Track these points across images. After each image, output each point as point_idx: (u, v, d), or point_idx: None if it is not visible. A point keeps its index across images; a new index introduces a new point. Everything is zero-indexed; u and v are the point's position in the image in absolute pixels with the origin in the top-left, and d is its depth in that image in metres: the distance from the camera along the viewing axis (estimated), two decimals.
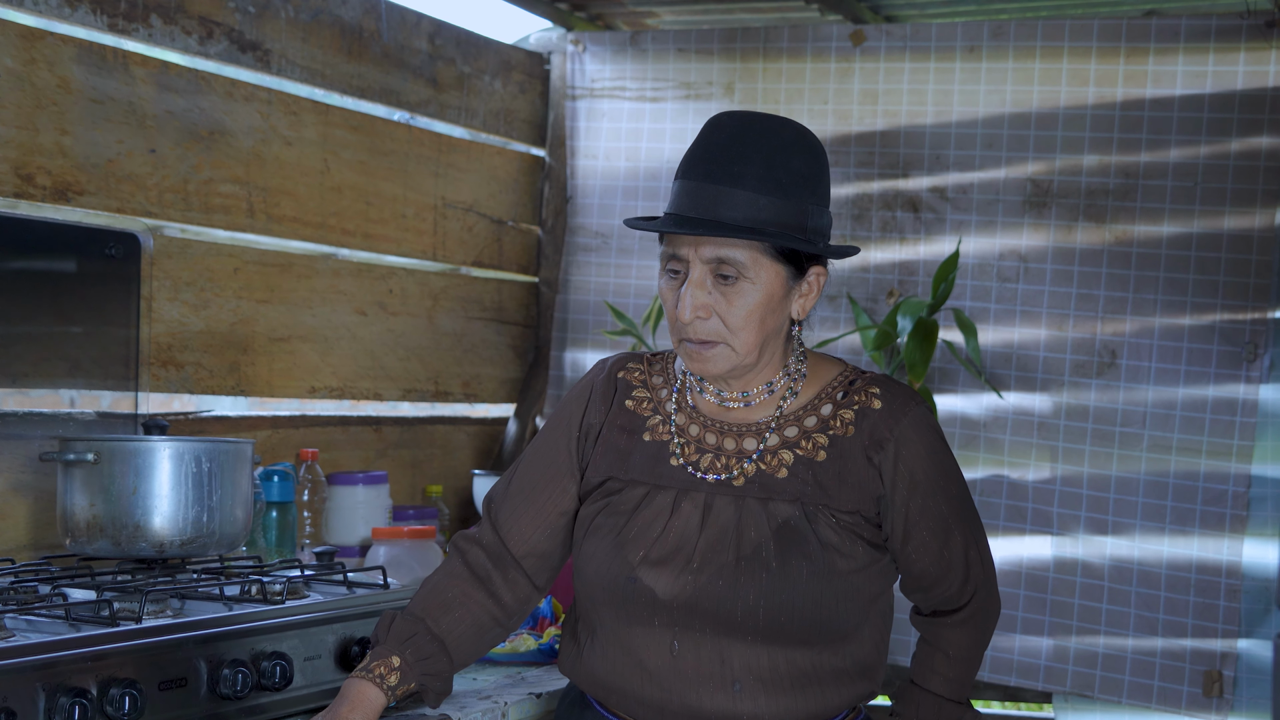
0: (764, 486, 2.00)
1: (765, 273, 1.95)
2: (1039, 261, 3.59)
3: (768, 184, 1.92)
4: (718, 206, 1.92)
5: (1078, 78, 3.57)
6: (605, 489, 2.07)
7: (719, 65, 3.87)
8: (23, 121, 2.69)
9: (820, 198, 1.98)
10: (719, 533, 1.98)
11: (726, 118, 1.98)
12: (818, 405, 2.04)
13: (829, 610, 1.95)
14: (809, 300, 2.01)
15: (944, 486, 2.04)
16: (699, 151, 1.97)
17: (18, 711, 1.87)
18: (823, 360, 2.10)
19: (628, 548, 1.99)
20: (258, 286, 3.20)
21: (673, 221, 1.93)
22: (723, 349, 1.96)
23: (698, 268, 1.94)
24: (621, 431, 2.08)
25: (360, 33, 3.44)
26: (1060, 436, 3.54)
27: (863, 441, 2.00)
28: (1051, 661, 3.52)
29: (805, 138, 1.98)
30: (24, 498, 2.68)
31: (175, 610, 2.22)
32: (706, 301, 1.94)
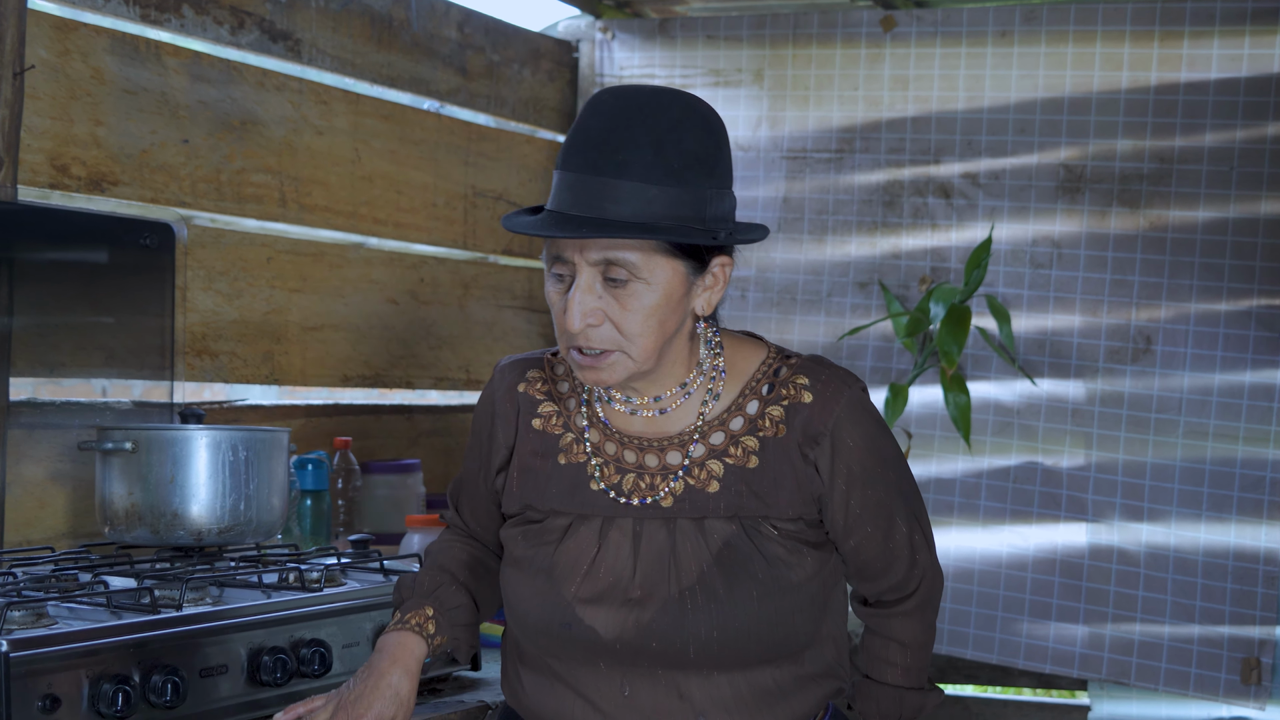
0: (695, 505, 1.83)
1: (661, 271, 1.74)
2: (1072, 247, 3.57)
3: (657, 171, 1.71)
4: (603, 201, 1.70)
5: (1111, 62, 3.55)
6: (524, 517, 1.91)
7: (748, 52, 3.86)
8: (57, 112, 2.70)
9: (720, 179, 1.77)
10: (654, 562, 1.81)
11: (607, 96, 1.76)
12: (742, 404, 1.86)
13: (785, 627, 1.82)
14: (715, 294, 1.81)
15: (883, 474, 1.89)
16: (578, 138, 1.75)
17: (62, 698, 1.88)
18: (740, 346, 1.91)
19: (560, 585, 1.83)
20: (290, 276, 3.21)
21: (553, 222, 1.72)
22: (618, 357, 1.77)
23: (585, 271, 1.74)
24: (534, 456, 1.90)
25: (390, 21, 3.44)
26: (1095, 423, 3.52)
27: (796, 440, 1.83)
28: (1087, 649, 3.51)
29: (697, 112, 1.76)
30: (62, 486, 2.69)
31: (214, 598, 2.23)
32: (597, 306, 1.74)
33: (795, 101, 3.82)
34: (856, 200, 3.77)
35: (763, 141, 3.84)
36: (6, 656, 1.82)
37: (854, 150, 3.77)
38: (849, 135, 3.77)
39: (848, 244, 3.77)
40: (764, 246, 3.83)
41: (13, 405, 2.60)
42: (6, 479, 2.58)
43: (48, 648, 1.88)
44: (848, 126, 3.77)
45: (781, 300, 3.81)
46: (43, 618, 1.98)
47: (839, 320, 3.75)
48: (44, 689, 1.86)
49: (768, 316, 3.82)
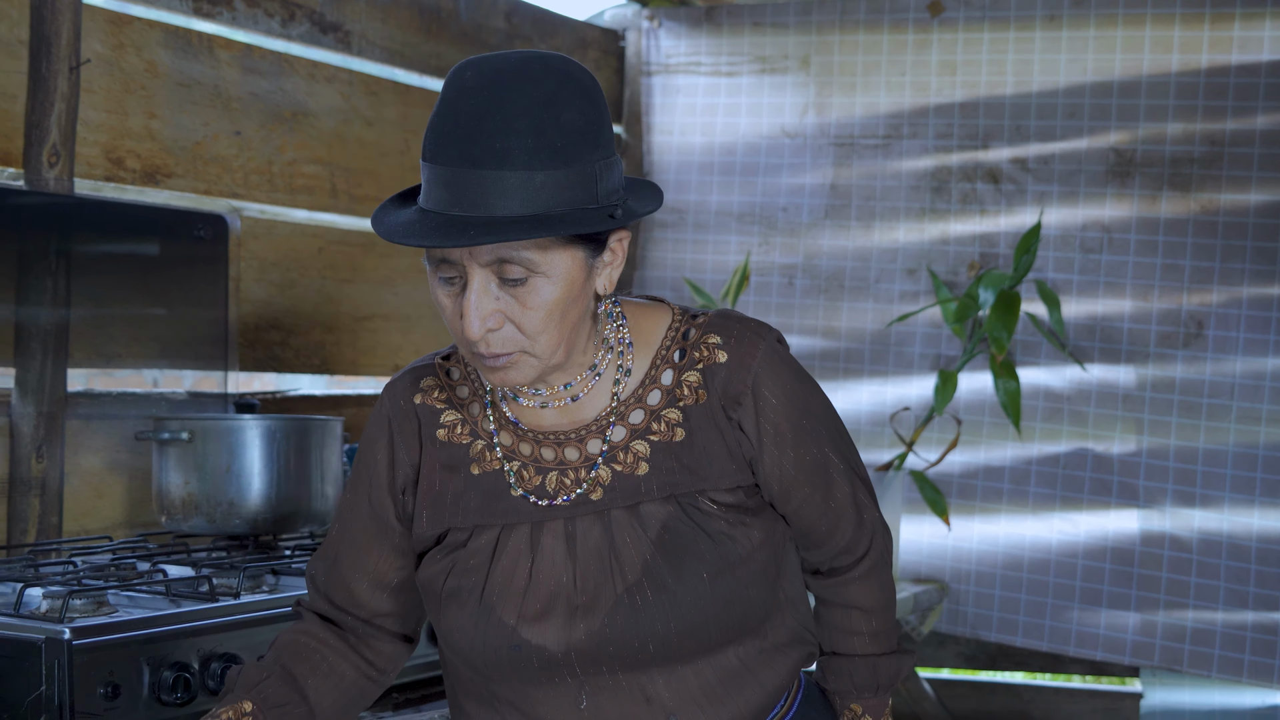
0: (626, 491, 1.68)
1: (560, 262, 1.59)
2: (1123, 232, 3.55)
3: (541, 155, 1.54)
4: (487, 197, 1.54)
5: (1161, 45, 3.52)
6: (446, 544, 1.72)
7: (795, 39, 3.86)
8: (112, 106, 2.73)
9: (605, 147, 1.60)
10: (594, 562, 1.67)
11: (472, 75, 1.56)
12: (656, 375, 1.72)
13: (742, 604, 1.69)
14: (615, 269, 1.66)
15: (812, 430, 1.74)
16: (447, 125, 1.55)
17: (123, 686, 1.91)
18: (643, 313, 1.75)
19: (498, 609, 1.66)
20: (341, 266, 3.23)
21: (435, 227, 1.55)
22: (522, 358, 1.62)
23: (477, 274, 1.57)
24: (444, 471, 1.72)
25: (439, 12, 3.45)
26: (1146, 409, 3.50)
27: (718, 403, 1.70)
28: (1138, 636, 3.49)
29: (572, 79, 1.59)
30: (119, 476, 2.73)
31: (271, 586, 2.26)
32: (495, 308, 1.58)
33: (842, 88, 3.81)
34: (904, 186, 3.76)
35: (809, 128, 3.83)
36: (69, 644, 1.85)
37: (901, 136, 3.75)
38: (896, 121, 3.76)
39: (895, 230, 3.76)
40: (811, 233, 3.83)
41: (70, 396, 2.64)
42: (65, 469, 2.62)
43: (109, 635, 1.91)
44: (895, 112, 3.76)
45: (829, 287, 3.81)
46: (103, 606, 2.01)
47: (887, 307, 3.74)
48: (106, 676, 1.89)
49: (815, 303, 3.82)
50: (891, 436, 3.63)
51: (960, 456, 3.64)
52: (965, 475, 3.66)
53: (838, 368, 3.78)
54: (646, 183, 1.69)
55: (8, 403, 2.57)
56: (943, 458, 3.53)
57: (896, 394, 3.71)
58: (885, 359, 3.74)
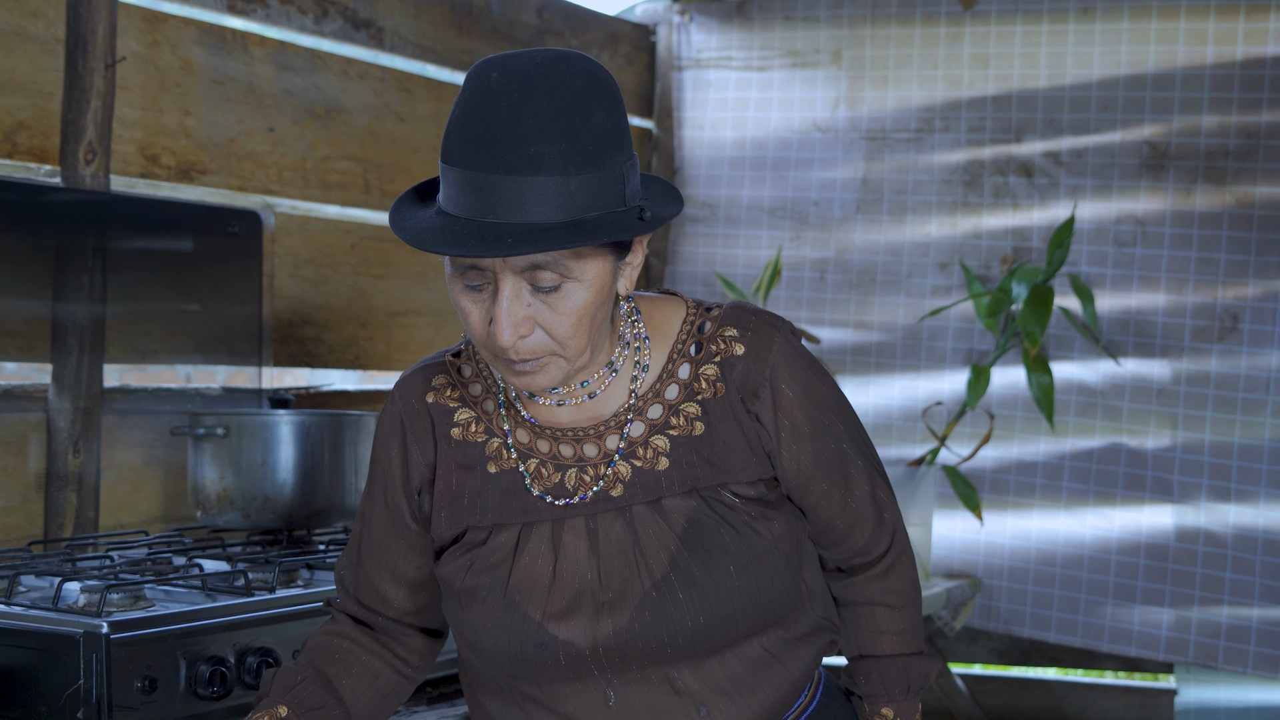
0: (647, 487, 1.67)
1: (591, 267, 1.57)
2: (1157, 225, 3.53)
3: (575, 159, 1.52)
4: (523, 204, 1.50)
5: (1195, 37, 3.50)
6: (465, 543, 1.71)
7: (826, 33, 3.85)
8: (148, 103, 2.75)
9: (629, 149, 1.58)
10: (618, 558, 1.66)
11: (498, 76, 1.53)
12: (673, 370, 1.71)
13: (768, 595, 1.68)
14: (635, 270, 1.65)
15: (829, 425, 1.73)
16: (476, 129, 1.52)
17: (160, 679, 1.92)
18: (657, 307, 1.74)
19: (523, 607, 1.65)
20: (374, 262, 3.24)
21: (469, 234, 1.51)
22: (552, 361, 1.60)
23: (509, 280, 1.54)
24: (461, 470, 1.71)
25: (470, 8, 3.46)
26: (1180, 403, 3.49)
27: (736, 395, 1.69)
28: (1173, 632, 3.48)
29: (596, 79, 1.57)
30: (155, 471, 2.75)
31: (305, 580, 2.27)
32: (527, 315, 1.56)
33: (874, 82, 3.80)
34: (936, 180, 3.74)
35: (841, 122, 3.83)
36: (107, 638, 1.87)
37: (934, 130, 3.74)
38: (928, 115, 3.75)
39: (928, 224, 3.75)
40: (843, 228, 3.82)
41: (106, 392, 2.66)
42: (101, 464, 2.64)
43: (146, 629, 1.92)
44: (927, 106, 3.75)
45: (861, 281, 3.80)
46: (140, 600, 2.03)
47: (919, 301, 3.73)
48: (143, 670, 1.90)
49: (846, 298, 3.81)
50: (924, 431, 3.62)
51: (993, 451, 3.63)
52: (998, 470, 3.65)
53: (870, 362, 3.78)
54: (658, 179, 1.68)
55: (45, 398, 2.60)
56: (975, 452, 3.52)
57: (929, 389, 3.70)
58: (917, 353, 3.74)
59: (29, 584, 2.18)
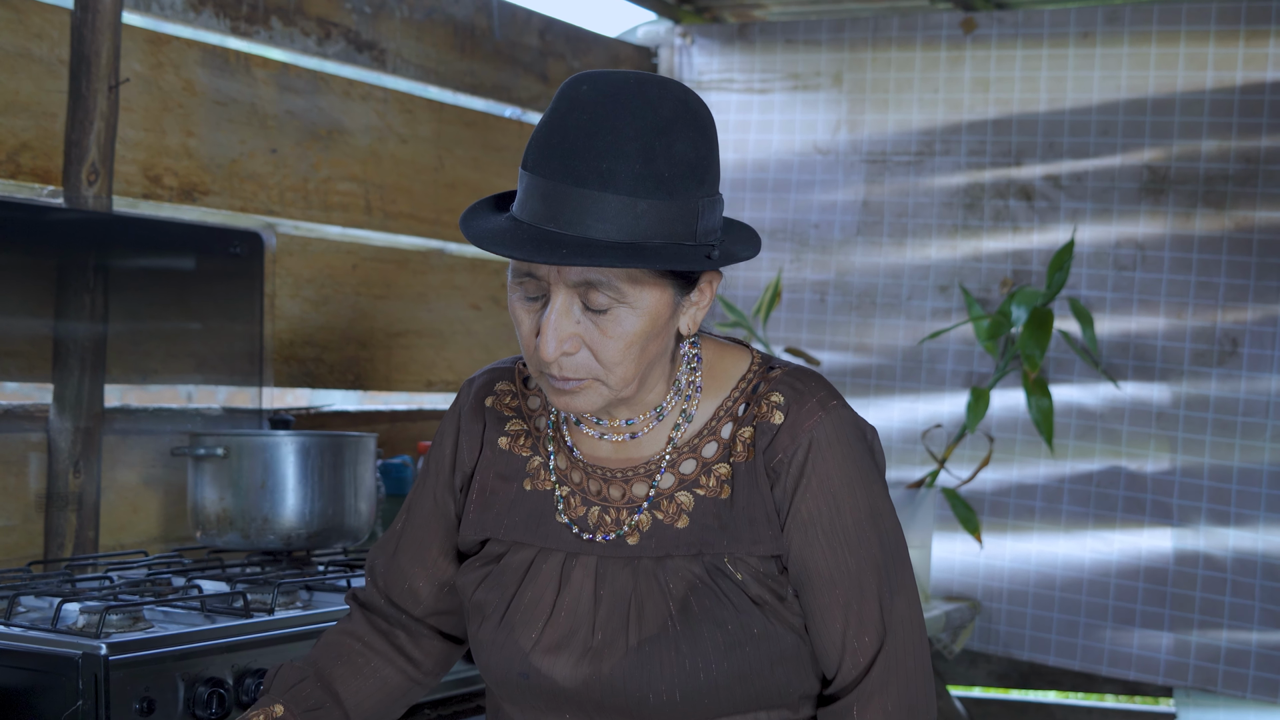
0: (661, 542, 1.61)
1: (648, 295, 1.54)
2: (1156, 249, 3.54)
3: (647, 183, 1.49)
4: (585, 218, 1.48)
5: (1195, 62, 3.51)
6: (485, 554, 1.70)
7: (827, 55, 3.86)
8: (150, 124, 2.76)
9: (710, 185, 1.56)
10: (616, 607, 1.61)
11: (587, 90, 1.52)
12: (716, 427, 1.64)
13: (761, 680, 1.59)
14: (701, 311, 1.61)
15: (852, 535, 1.60)
16: (554, 137, 1.51)
17: (158, 700, 1.93)
18: (721, 358, 1.68)
19: (517, 631, 1.63)
20: (375, 283, 3.25)
21: (529, 239, 1.50)
22: (594, 386, 1.56)
23: (562, 293, 1.52)
24: (498, 479, 1.70)
25: (473, 30, 3.48)
26: (1180, 427, 3.49)
27: (761, 464, 1.61)
28: (1172, 655, 3.48)
29: (689, 109, 1.54)
30: (155, 491, 2.75)
31: (305, 602, 2.27)
32: (574, 332, 1.53)
33: (875, 105, 3.81)
34: (937, 203, 3.75)
35: (842, 145, 3.84)
36: (106, 659, 1.87)
37: (934, 153, 3.75)
38: (929, 138, 3.76)
39: (928, 247, 3.76)
40: (844, 249, 3.83)
41: (107, 412, 2.66)
42: (101, 484, 2.64)
43: (145, 651, 1.92)
44: (928, 129, 3.76)
45: (861, 304, 3.81)
46: (139, 621, 2.03)
47: (919, 324, 3.74)
48: (141, 691, 1.91)
49: (846, 320, 3.82)
50: (923, 454, 3.63)
51: (993, 474, 3.63)
52: (998, 493, 3.65)
53: (869, 384, 3.78)
54: (744, 226, 1.63)
55: (46, 418, 2.60)
56: (975, 475, 3.53)
57: (928, 411, 3.71)
58: (917, 376, 3.74)
59: (28, 604, 2.18)
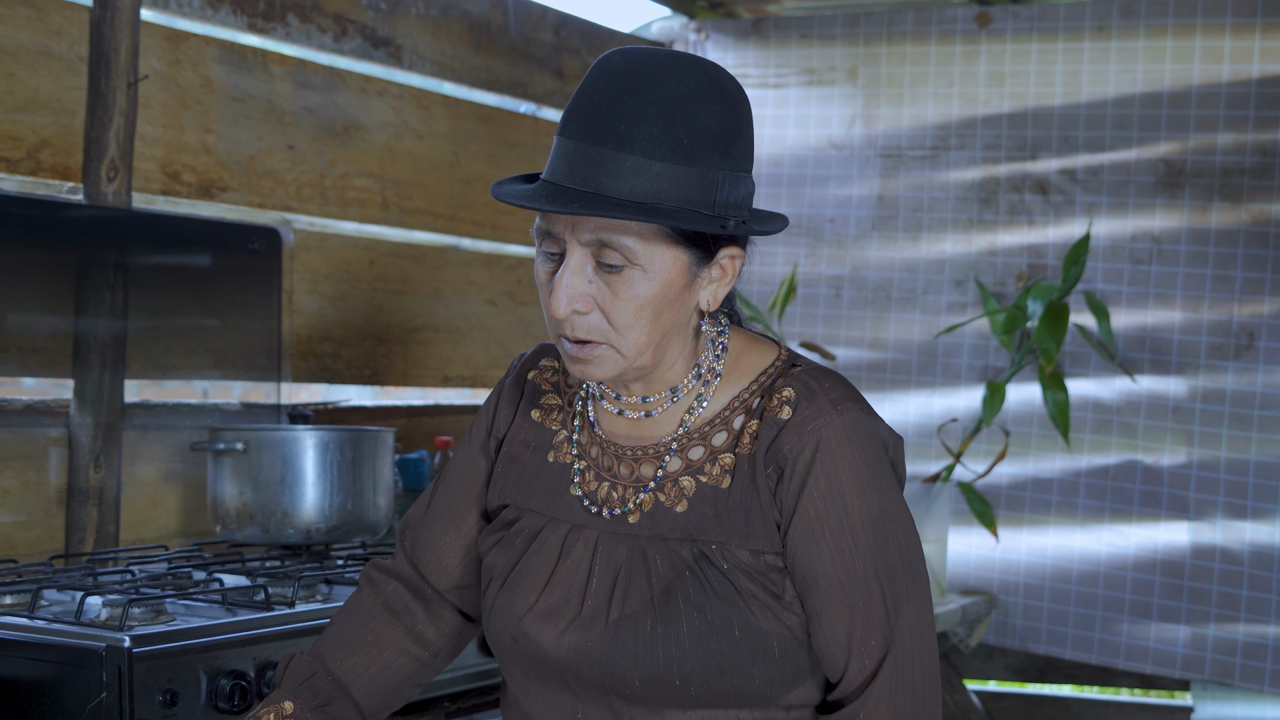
0: (658, 524, 1.62)
1: (660, 258, 1.55)
2: (1173, 243, 3.54)
3: (664, 145, 1.51)
4: (600, 175, 1.52)
5: (1212, 55, 3.50)
6: (501, 519, 1.72)
7: (841, 50, 3.86)
8: (169, 121, 2.77)
9: (736, 160, 1.56)
10: (605, 582, 1.62)
11: (618, 58, 1.55)
12: (729, 416, 1.64)
13: (737, 675, 1.56)
14: (722, 287, 1.60)
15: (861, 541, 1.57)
16: (581, 102, 1.55)
17: (181, 693, 1.94)
18: (748, 350, 1.67)
19: (515, 595, 1.65)
20: (392, 278, 3.26)
21: (544, 194, 1.54)
22: (606, 351, 1.57)
23: (576, 251, 1.55)
24: (525, 448, 1.73)
25: (488, 26, 3.48)
26: (1196, 420, 3.49)
27: (760, 457, 1.59)
28: (1189, 649, 3.47)
29: (717, 83, 1.55)
30: (174, 486, 2.76)
31: (325, 595, 2.28)
32: (586, 291, 1.55)
33: (890, 99, 3.81)
34: (952, 197, 3.76)
35: (857, 140, 3.84)
36: (129, 652, 1.88)
37: (949, 147, 3.75)
38: (944, 132, 3.76)
39: (943, 241, 3.76)
40: (859, 244, 3.83)
41: (127, 407, 2.68)
42: (121, 479, 2.66)
43: (168, 643, 1.94)
44: (943, 124, 3.76)
45: (876, 298, 3.81)
46: (161, 614, 2.04)
47: (934, 318, 3.74)
48: (164, 684, 1.92)
49: (862, 315, 3.82)
50: (939, 448, 3.63)
51: (1008, 468, 3.63)
52: (1013, 487, 3.66)
53: (885, 379, 3.78)
54: (775, 214, 1.62)
55: (66, 413, 2.61)
56: (990, 469, 3.53)
57: (944, 405, 3.71)
58: (932, 370, 3.74)
59: (51, 598, 2.19)
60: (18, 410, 2.56)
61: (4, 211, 2.48)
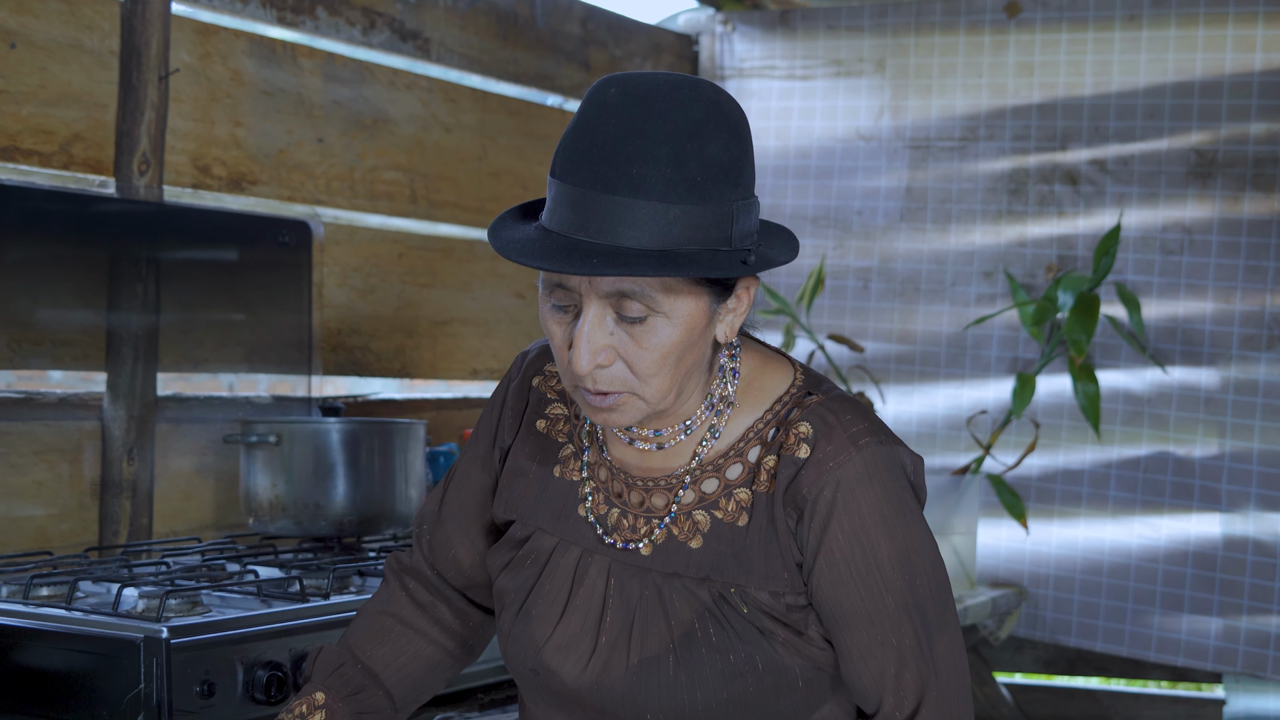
0: (672, 559, 1.58)
1: (683, 304, 1.49)
2: (1204, 233, 3.52)
3: (679, 187, 1.44)
4: (616, 225, 1.43)
5: (1244, 43, 3.48)
6: (510, 537, 1.69)
7: (869, 41, 3.85)
8: (199, 114, 2.78)
9: (746, 187, 1.50)
10: (622, 617, 1.59)
11: (616, 94, 1.47)
12: (744, 449, 1.59)
13: (770, 708, 1.55)
14: (738, 317, 1.56)
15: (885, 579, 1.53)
16: (583, 143, 1.46)
17: (217, 684, 1.94)
18: (761, 373, 1.62)
19: (534, 625, 1.62)
20: (421, 271, 3.26)
21: (557, 249, 1.45)
22: (630, 400, 1.52)
23: (594, 304, 1.48)
24: (530, 460, 1.68)
25: (516, 19, 3.48)
26: (1228, 411, 3.47)
27: (780, 497, 1.55)
28: (1221, 641, 3.46)
29: (721, 109, 1.49)
30: (206, 479, 2.77)
31: (358, 587, 2.29)
32: (608, 344, 1.49)
33: (918, 90, 3.80)
34: (981, 188, 3.74)
35: (885, 131, 3.83)
36: (167, 643, 1.89)
37: (978, 138, 3.74)
38: (973, 123, 3.74)
39: (972, 233, 3.75)
40: (887, 236, 3.82)
41: (159, 400, 2.68)
42: (154, 471, 2.67)
43: (205, 634, 1.94)
44: (971, 114, 3.75)
45: (905, 290, 3.80)
46: (197, 606, 2.04)
47: (963, 310, 3.73)
48: (201, 674, 1.92)
49: (890, 307, 3.81)
50: (968, 440, 3.62)
51: (1038, 460, 3.62)
52: (1044, 479, 3.64)
53: (913, 371, 3.77)
54: (781, 228, 1.59)
55: (100, 406, 2.62)
56: (1020, 461, 3.51)
57: (973, 397, 3.70)
58: (962, 362, 3.73)
59: (87, 589, 2.20)
60: (51, 403, 2.57)
61: (37, 205, 2.49)
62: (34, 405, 2.54)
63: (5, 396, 2.50)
